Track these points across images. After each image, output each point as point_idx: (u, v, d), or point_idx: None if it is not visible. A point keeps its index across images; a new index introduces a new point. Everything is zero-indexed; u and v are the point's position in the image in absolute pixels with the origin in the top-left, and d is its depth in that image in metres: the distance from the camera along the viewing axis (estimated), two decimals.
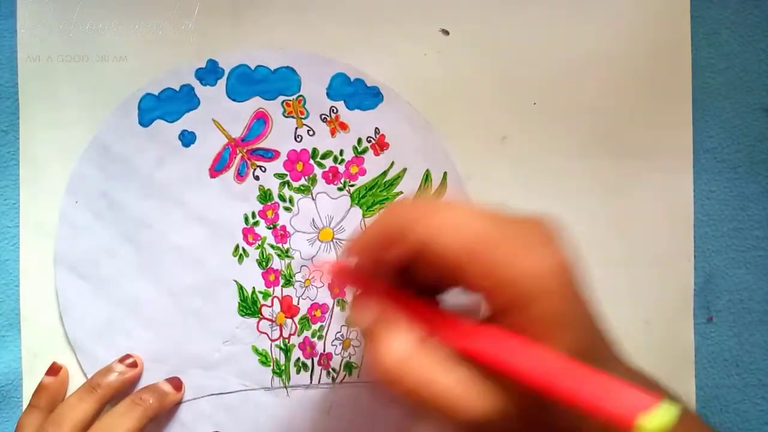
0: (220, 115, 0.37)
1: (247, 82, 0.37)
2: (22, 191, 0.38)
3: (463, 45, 0.36)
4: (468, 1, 0.36)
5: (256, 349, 0.37)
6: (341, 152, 0.37)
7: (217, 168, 0.37)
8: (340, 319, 0.37)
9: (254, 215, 0.37)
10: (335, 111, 0.37)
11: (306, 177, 0.37)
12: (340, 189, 0.37)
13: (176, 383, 0.37)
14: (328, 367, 0.37)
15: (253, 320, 0.37)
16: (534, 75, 0.36)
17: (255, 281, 0.37)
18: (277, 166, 0.37)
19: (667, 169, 0.36)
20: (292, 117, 0.37)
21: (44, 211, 0.38)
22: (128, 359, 0.37)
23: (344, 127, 0.37)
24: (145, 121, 0.37)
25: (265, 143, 0.37)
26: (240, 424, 0.37)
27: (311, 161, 0.37)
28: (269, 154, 0.37)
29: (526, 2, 0.36)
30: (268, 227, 0.37)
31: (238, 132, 0.37)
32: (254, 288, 0.37)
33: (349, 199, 0.37)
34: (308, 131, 0.37)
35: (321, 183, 0.37)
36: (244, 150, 0.37)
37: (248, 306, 0.37)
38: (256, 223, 0.37)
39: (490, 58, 0.36)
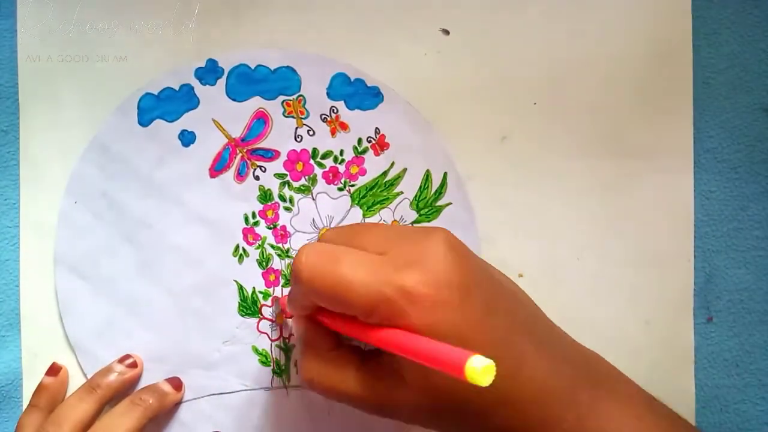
0: (220, 115, 0.37)
1: (247, 81, 0.37)
2: (22, 191, 0.38)
3: (463, 45, 0.36)
4: (468, 1, 0.36)
5: (256, 349, 0.37)
6: (341, 152, 0.37)
7: (217, 168, 0.37)
8: None
9: (254, 215, 0.37)
10: (335, 111, 0.37)
11: (306, 177, 0.37)
12: (340, 189, 0.37)
13: (176, 383, 0.37)
14: None
15: (254, 320, 0.37)
16: (534, 75, 0.36)
17: (255, 281, 0.37)
18: (277, 166, 0.37)
19: (667, 169, 0.36)
20: (292, 117, 0.37)
21: (44, 211, 0.38)
22: (128, 359, 0.37)
23: (344, 127, 0.37)
24: (144, 121, 0.37)
25: (265, 143, 0.37)
26: (240, 424, 0.37)
27: (311, 161, 0.37)
28: (269, 154, 0.37)
29: (526, 2, 0.36)
30: (268, 227, 0.37)
31: (238, 132, 0.37)
32: (254, 288, 0.37)
33: (349, 199, 0.37)
34: (308, 131, 0.37)
35: (321, 183, 0.37)
36: (244, 150, 0.37)
37: (248, 306, 0.37)
38: (257, 223, 0.37)
39: (490, 58, 0.36)
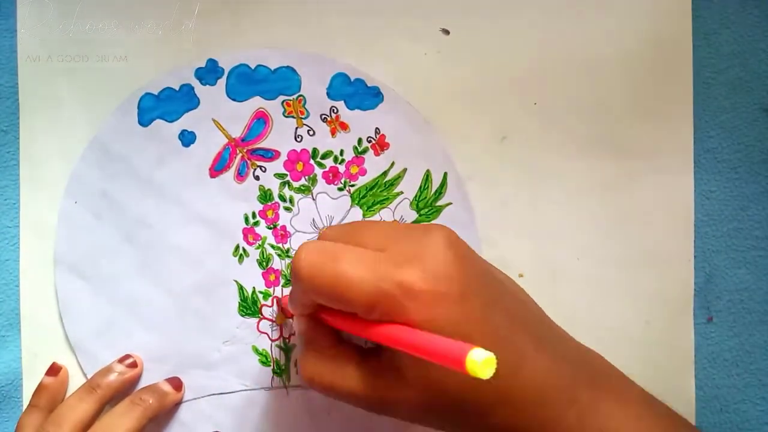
0: (220, 115, 0.37)
1: (247, 81, 0.37)
2: (22, 191, 0.38)
3: (463, 45, 0.36)
4: (468, 1, 0.36)
5: (256, 349, 0.37)
6: (341, 152, 0.37)
7: (217, 168, 0.37)
8: None
9: (254, 215, 0.37)
10: (335, 111, 0.37)
11: (306, 177, 0.37)
12: (340, 189, 0.37)
13: (176, 383, 0.37)
14: None
15: (254, 320, 0.37)
16: (534, 75, 0.36)
17: (255, 281, 0.37)
18: (277, 166, 0.37)
19: (667, 169, 0.36)
20: (293, 117, 0.37)
21: (44, 211, 0.38)
22: (128, 359, 0.37)
23: (344, 127, 0.37)
24: (144, 121, 0.37)
25: (265, 143, 0.37)
26: (240, 424, 0.37)
27: (311, 161, 0.37)
28: (269, 154, 0.37)
29: (526, 2, 0.36)
30: (268, 227, 0.37)
31: (238, 132, 0.37)
32: (254, 288, 0.37)
33: (349, 199, 0.37)
34: (308, 131, 0.37)
35: (321, 183, 0.37)
36: (244, 150, 0.37)
37: (248, 306, 0.37)
38: (257, 223, 0.37)
39: (490, 57, 0.36)
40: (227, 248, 0.37)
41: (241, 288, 0.37)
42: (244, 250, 0.37)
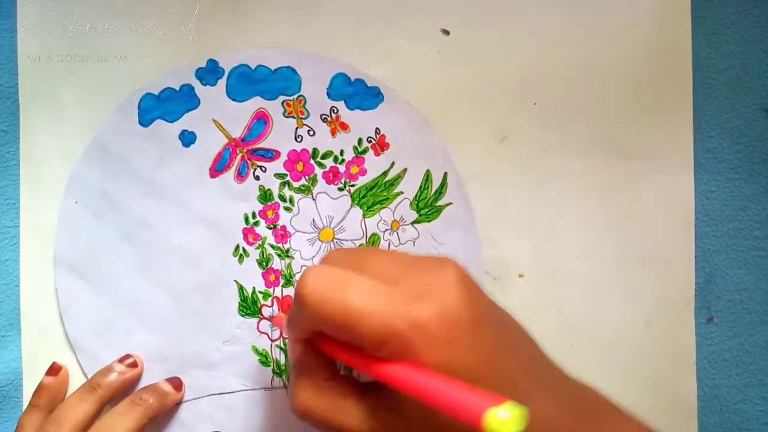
0: (221, 115, 0.37)
1: (248, 81, 0.37)
2: (22, 191, 0.38)
3: (463, 45, 0.36)
4: (468, 1, 0.36)
5: (256, 349, 0.37)
6: (341, 152, 0.37)
7: (218, 168, 0.37)
8: None
9: (254, 215, 0.37)
10: (336, 111, 0.37)
11: (306, 177, 0.37)
12: (340, 189, 0.37)
13: (176, 383, 0.37)
14: None
15: (254, 320, 0.37)
16: (534, 75, 0.36)
17: (255, 281, 0.37)
18: (277, 166, 0.37)
19: (667, 169, 0.36)
20: (293, 117, 0.37)
21: (44, 211, 0.38)
22: (128, 359, 0.37)
23: (345, 127, 0.37)
24: (145, 121, 0.37)
25: (265, 143, 0.37)
26: (240, 424, 0.37)
27: (311, 161, 0.37)
28: (269, 154, 0.37)
29: (527, 2, 0.36)
30: (268, 227, 0.37)
31: (238, 132, 0.37)
32: (254, 288, 0.37)
33: (349, 199, 0.37)
34: (308, 131, 0.37)
35: (321, 183, 0.37)
36: (245, 150, 0.37)
37: (248, 306, 0.37)
38: (257, 223, 0.37)
39: (490, 58, 0.36)
40: (227, 248, 0.37)
41: (241, 288, 0.37)
42: (244, 250, 0.37)
